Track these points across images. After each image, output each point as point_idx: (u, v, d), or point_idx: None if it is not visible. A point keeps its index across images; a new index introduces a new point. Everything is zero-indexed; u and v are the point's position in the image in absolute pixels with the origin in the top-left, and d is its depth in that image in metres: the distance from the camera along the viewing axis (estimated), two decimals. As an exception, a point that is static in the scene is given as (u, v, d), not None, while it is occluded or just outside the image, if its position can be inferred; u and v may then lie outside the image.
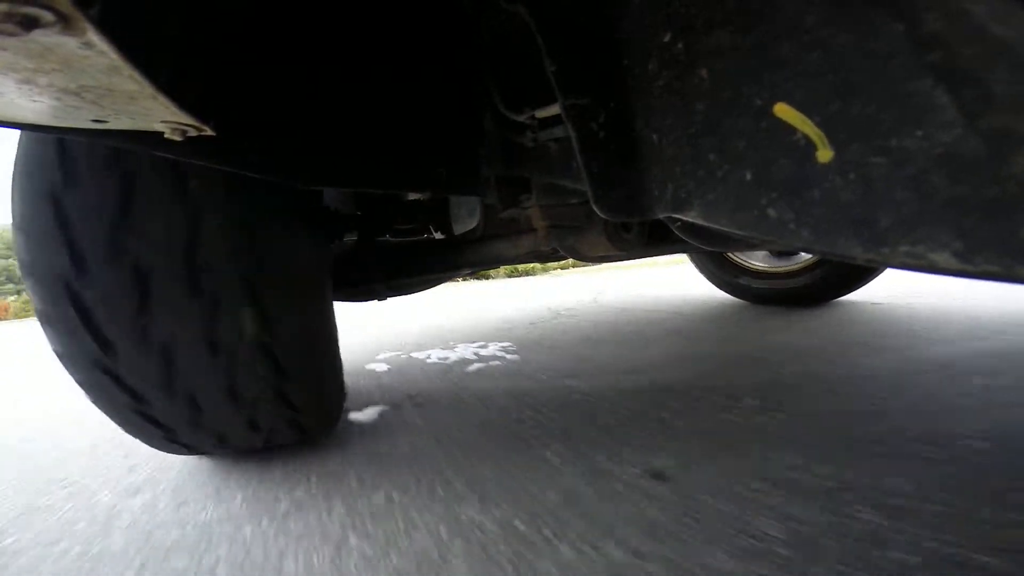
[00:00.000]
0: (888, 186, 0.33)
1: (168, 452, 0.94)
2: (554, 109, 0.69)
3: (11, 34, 0.26)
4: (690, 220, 0.48)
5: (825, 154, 0.37)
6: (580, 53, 0.53)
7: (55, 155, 0.66)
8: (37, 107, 0.35)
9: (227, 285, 0.73)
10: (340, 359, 1.04)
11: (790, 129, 0.38)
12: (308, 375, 0.87)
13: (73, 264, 0.67)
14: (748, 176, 0.41)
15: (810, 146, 0.37)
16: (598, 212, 0.53)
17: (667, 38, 0.47)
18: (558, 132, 0.73)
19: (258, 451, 1.03)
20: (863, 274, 2.05)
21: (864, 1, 0.32)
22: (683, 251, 1.31)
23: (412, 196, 1.34)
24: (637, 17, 0.50)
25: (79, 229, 0.66)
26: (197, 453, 0.98)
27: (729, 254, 2.38)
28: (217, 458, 1.06)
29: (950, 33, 0.28)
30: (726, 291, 2.60)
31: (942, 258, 0.31)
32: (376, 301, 1.33)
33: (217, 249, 0.72)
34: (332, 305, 1.00)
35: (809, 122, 0.37)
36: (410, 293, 1.35)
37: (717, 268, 2.50)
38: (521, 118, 0.76)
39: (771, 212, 0.40)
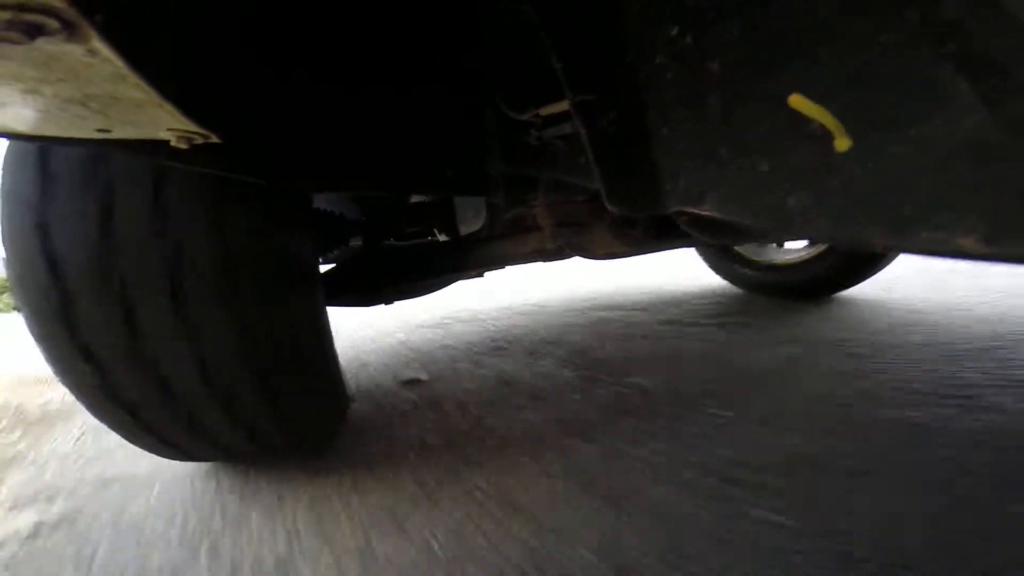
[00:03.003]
0: (910, 172, 0.33)
1: (172, 458, 0.93)
2: (560, 106, 0.69)
3: (15, 42, 0.25)
4: (703, 213, 0.48)
5: (843, 143, 0.36)
6: (587, 49, 0.53)
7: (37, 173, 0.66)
8: (42, 118, 0.34)
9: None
10: (336, 365, 1.01)
11: (805, 119, 0.38)
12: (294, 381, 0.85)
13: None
14: (765, 167, 0.41)
15: (827, 136, 0.37)
16: (610, 207, 0.52)
17: (675, 31, 0.47)
18: (564, 129, 0.73)
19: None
20: (865, 268, 2.03)
21: None
22: (690, 245, 1.31)
23: (417, 198, 1.34)
24: (643, 11, 0.49)
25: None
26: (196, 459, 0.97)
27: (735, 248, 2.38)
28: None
29: (969, 21, 0.28)
30: (730, 281, 2.60)
31: (968, 242, 0.30)
32: (384, 305, 1.33)
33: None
34: (322, 309, 0.95)
35: (826, 112, 0.37)
36: (417, 296, 1.35)
37: (722, 260, 2.51)
38: (524, 116, 0.75)
39: (791, 201, 0.39)
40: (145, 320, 0.69)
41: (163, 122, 0.38)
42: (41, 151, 0.65)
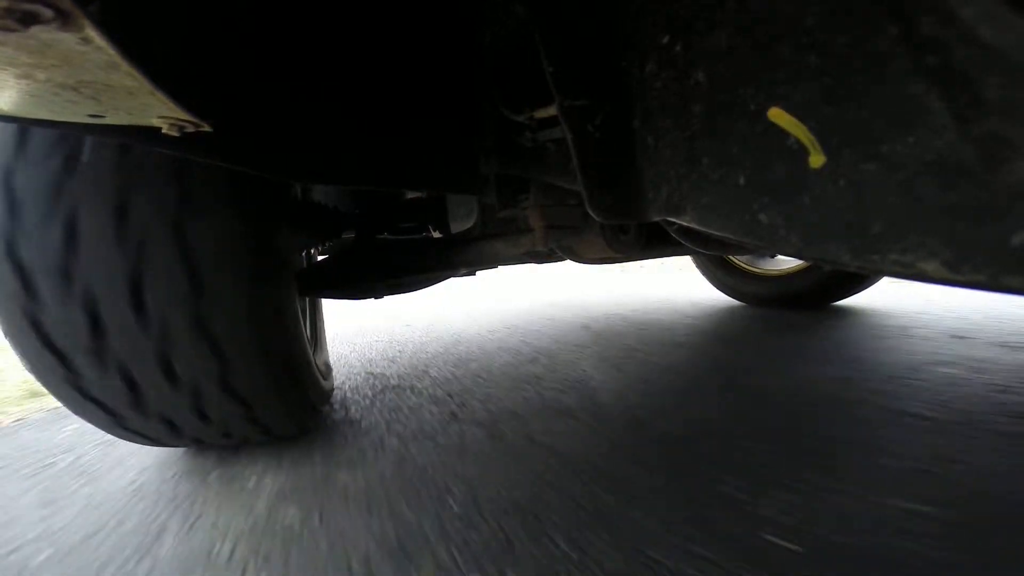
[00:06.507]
0: (879, 192, 0.33)
1: (131, 441, 0.95)
2: (552, 110, 0.69)
3: (10, 30, 0.26)
4: (684, 224, 0.47)
5: (817, 159, 0.36)
6: (579, 54, 0.52)
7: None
8: (35, 102, 0.35)
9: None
10: (307, 360, 1.01)
11: (783, 134, 0.38)
12: (259, 372, 0.86)
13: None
14: (741, 180, 0.41)
15: (802, 151, 0.37)
16: (592, 214, 0.52)
17: (666, 39, 0.46)
18: (556, 133, 0.73)
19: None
20: (863, 278, 2.04)
21: (862, 3, 0.31)
22: (681, 254, 1.31)
23: (411, 195, 1.34)
24: (637, 18, 0.49)
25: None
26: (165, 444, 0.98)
27: (732, 257, 2.37)
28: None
29: (945, 37, 0.28)
30: (722, 291, 2.59)
31: (931, 267, 0.30)
32: (373, 299, 1.33)
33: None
34: (290, 307, 0.96)
35: (802, 127, 0.37)
36: (408, 292, 1.34)
37: (718, 270, 2.50)
38: (520, 118, 0.75)
39: (762, 217, 0.39)
40: (108, 316, 0.72)
41: (155, 109, 0.38)
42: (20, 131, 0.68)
